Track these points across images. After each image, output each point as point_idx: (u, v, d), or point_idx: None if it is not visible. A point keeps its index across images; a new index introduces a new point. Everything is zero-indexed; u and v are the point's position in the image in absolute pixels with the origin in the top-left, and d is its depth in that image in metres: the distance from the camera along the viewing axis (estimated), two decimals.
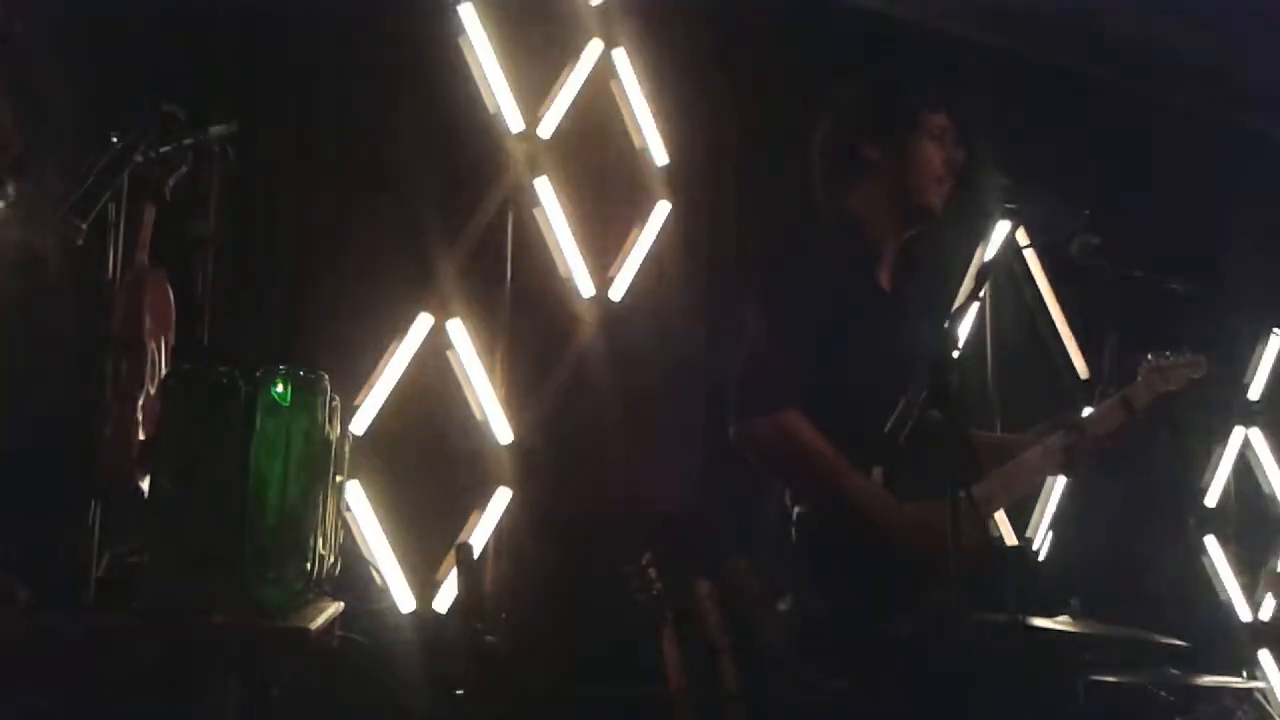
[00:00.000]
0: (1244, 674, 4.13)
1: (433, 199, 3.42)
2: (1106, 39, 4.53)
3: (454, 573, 3.29)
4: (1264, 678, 4.38)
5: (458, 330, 3.45)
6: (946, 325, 2.41)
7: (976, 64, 4.35)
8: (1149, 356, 2.53)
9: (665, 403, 3.69)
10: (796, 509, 2.25)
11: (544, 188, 3.64)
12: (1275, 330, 4.77)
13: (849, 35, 4.08)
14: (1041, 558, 4.19)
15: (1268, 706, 4.22)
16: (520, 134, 3.63)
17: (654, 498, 3.58)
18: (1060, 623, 2.57)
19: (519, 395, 3.52)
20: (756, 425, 2.20)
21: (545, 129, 3.67)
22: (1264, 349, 4.89)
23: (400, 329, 3.37)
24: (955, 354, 2.17)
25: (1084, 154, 4.35)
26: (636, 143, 3.86)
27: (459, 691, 2.72)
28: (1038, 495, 4.27)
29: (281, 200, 3.27)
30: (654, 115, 3.87)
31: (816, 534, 2.22)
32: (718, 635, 3.26)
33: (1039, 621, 2.50)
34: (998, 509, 3.52)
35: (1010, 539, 4.13)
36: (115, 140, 1.97)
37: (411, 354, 3.37)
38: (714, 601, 3.29)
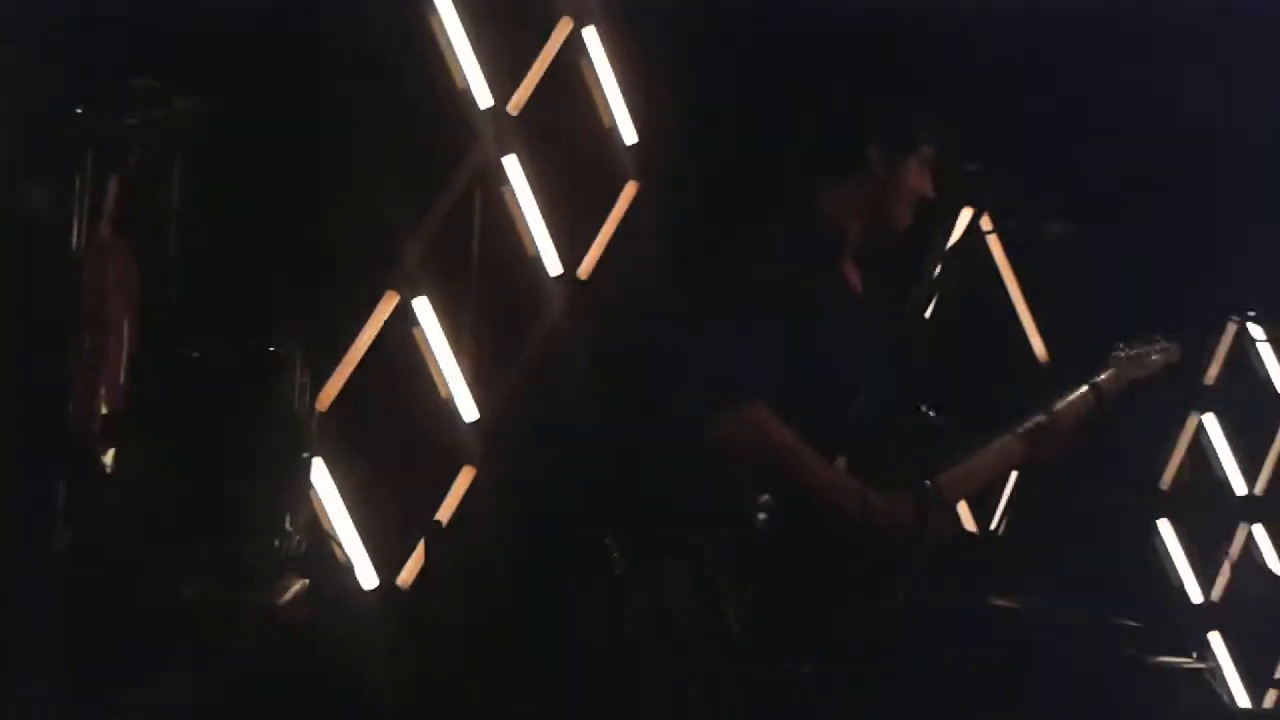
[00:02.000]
0: (1194, 655, 4.20)
1: (400, 176, 3.41)
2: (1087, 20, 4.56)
3: (419, 550, 3.30)
4: (1214, 659, 4.47)
5: (424, 308, 3.43)
6: (911, 312, 2.44)
7: (945, 50, 4.37)
8: (1120, 345, 2.55)
9: (633, 379, 3.70)
10: (763, 495, 2.28)
11: (512, 166, 3.63)
12: (1232, 318, 4.84)
13: (823, 19, 4.08)
14: (1001, 541, 4.25)
15: (1216, 685, 4.32)
16: (489, 111, 3.62)
17: (623, 479, 3.59)
18: (1018, 603, 2.61)
19: (485, 374, 3.52)
20: (726, 423, 2.22)
21: (514, 106, 3.66)
22: (1220, 336, 4.97)
23: (366, 307, 3.35)
24: (920, 340, 2.19)
25: (1046, 141, 4.39)
26: (606, 122, 3.85)
27: (425, 668, 2.73)
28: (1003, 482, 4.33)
29: (248, 175, 3.24)
30: (623, 95, 3.87)
31: (783, 520, 2.24)
32: (683, 614, 3.29)
33: (998, 602, 2.54)
34: (964, 497, 3.57)
35: (971, 526, 4.18)
36: (82, 112, 1.95)
37: (377, 332, 3.35)
38: (680, 579, 3.32)
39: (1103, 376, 2.51)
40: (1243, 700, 4.54)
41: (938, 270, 4.14)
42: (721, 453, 2.23)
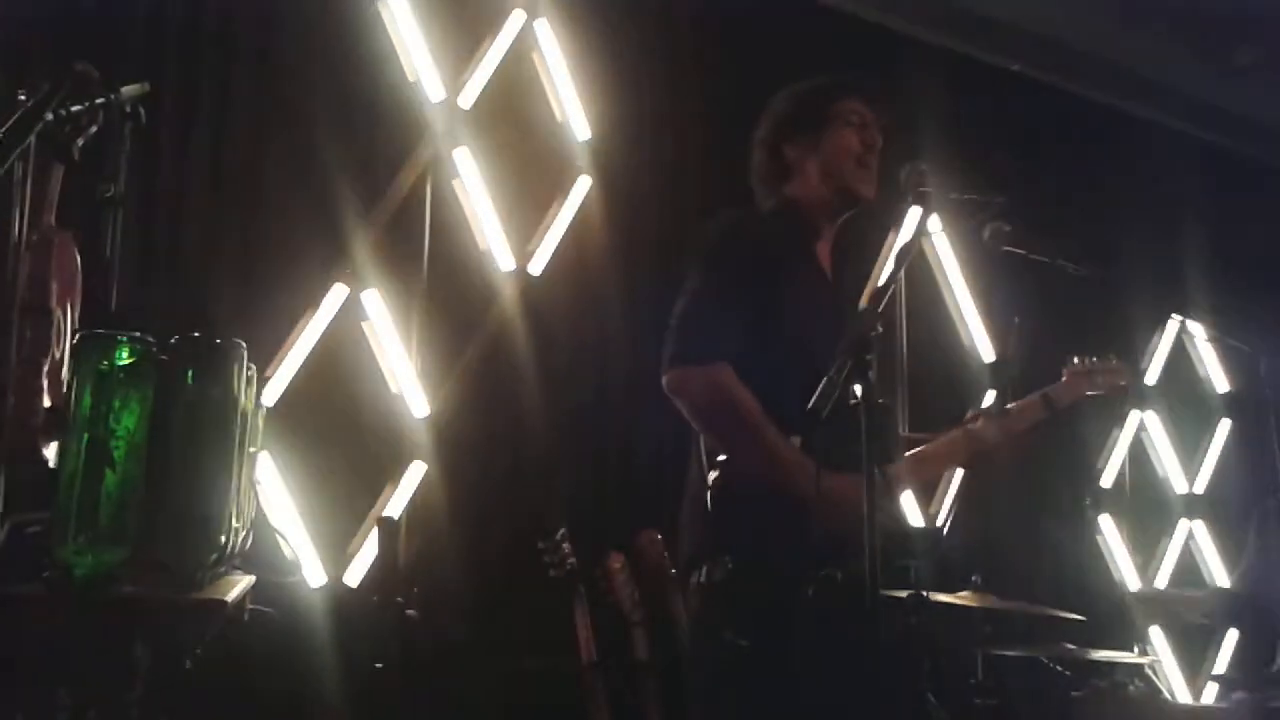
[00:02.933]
0: (1136, 648, 4.27)
1: (350, 167, 3.37)
2: (1022, 33, 4.63)
3: (367, 546, 3.27)
4: (1154, 652, 4.54)
5: (373, 301, 3.40)
6: (866, 306, 2.46)
7: (896, 52, 4.41)
8: (1074, 359, 2.58)
9: (584, 377, 3.69)
10: (713, 474, 2.28)
11: (464, 159, 3.60)
12: (1173, 315, 4.92)
13: (773, 13, 4.10)
14: (945, 535, 4.30)
15: (1157, 680, 4.39)
16: (440, 103, 3.59)
17: (571, 472, 3.59)
18: (962, 598, 2.64)
19: (435, 369, 3.50)
20: (688, 374, 2.23)
21: (466, 99, 3.64)
22: (1160, 334, 5.05)
23: (314, 299, 3.31)
24: (875, 334, 2.20)
25: (996, 143, 4.44)
26: (558, 116, 3.84)
27: (377, 665, 2.71)
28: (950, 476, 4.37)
29: (194, 164, 3.20)
30: (576, 89, 3.85)
31: (732, 500, 2.25)
32: (630, 608, 3.30)
33: (942, 596, 2.56)
34: (908, 489, 3.61)
35: (919, 519, 4.22)
36: (23, 98, 1.90)
37: (326, 324, 3.32)
38: (626, 574, 3.32)
39: (1055, 387, 2.55)
40: (1182, 695, 4.63)
41: (890, 267, 4.18)
42: (682, 407, 2.24)
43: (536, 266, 3.70)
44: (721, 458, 2.25)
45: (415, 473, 3.41)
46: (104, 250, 2.13)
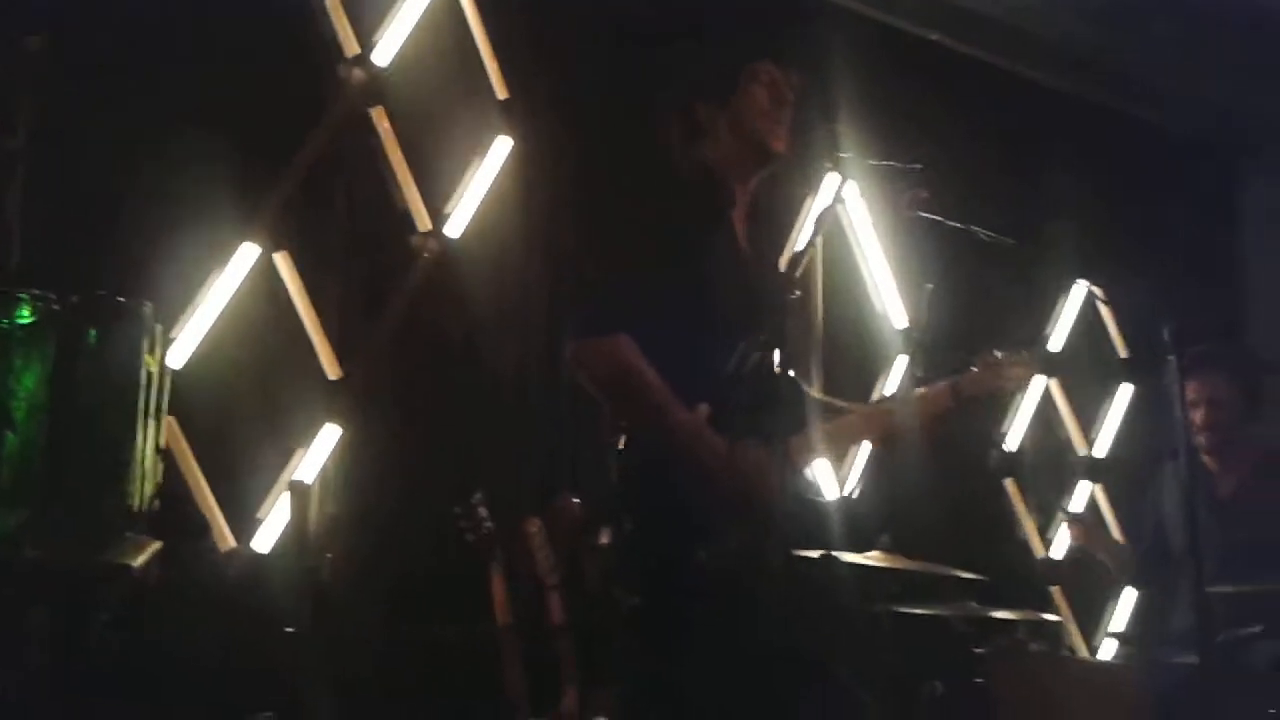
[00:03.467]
0: (1037, 607, 4.40)
1: (262, 124, 3.29)
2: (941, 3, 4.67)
3: (278, 511, 3.22)
4: (1055, 612, 4.68)
5: (285, 262, 3.34)
6: (783, 271, 2.47)
7: (812, 18, 4.42)
8: (992, 352, 2.62)
9: (504, 341, 3.67)
10: (619, 440, 2.29)
11: (380, 118, 3.54)
12: (1079, 281, 5.03)
13: None
14: (855, 497, 4.37)
15: (1057, 636, 4.54)
16: (356, 60, 3.52)
17: (489, 436, 3.57)
18: (870, 558, 2.69)
19: (350, 331, 3.45)
20: (589, 347, 2.23)
21: (382, 57, 3.57)
22: (1065, 301, 5.17)
23: (224, 259, 3.24)
24: (791, 299, 2.22)
25: (912, 111, 4.49)
26: (477, 76, 3.79)
27: (288, 630, 2.68)
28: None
29: (98, 118, 3.09)
30: (495, 49, 3.80)
31: (636, 468, 2.26)
32: (546, 572, 3.31)
33: (849, 557, 2.61)
34: (816, 460, 3.66)
35: (830, 483, 4.28)
36: None
37: (235, 285, 3.25)
38: (542, 539, 3.33)
39: (965, 377, 2.60)
40: (1081, 650, 4.78)
41: (807, 233, 4.21)
42: (583, 380, 2.25)
43: (455, 229, 3.66)
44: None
45: (328, 437, 3.36)
46: (4, 207, 2.06)
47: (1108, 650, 4.78)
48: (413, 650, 3.23)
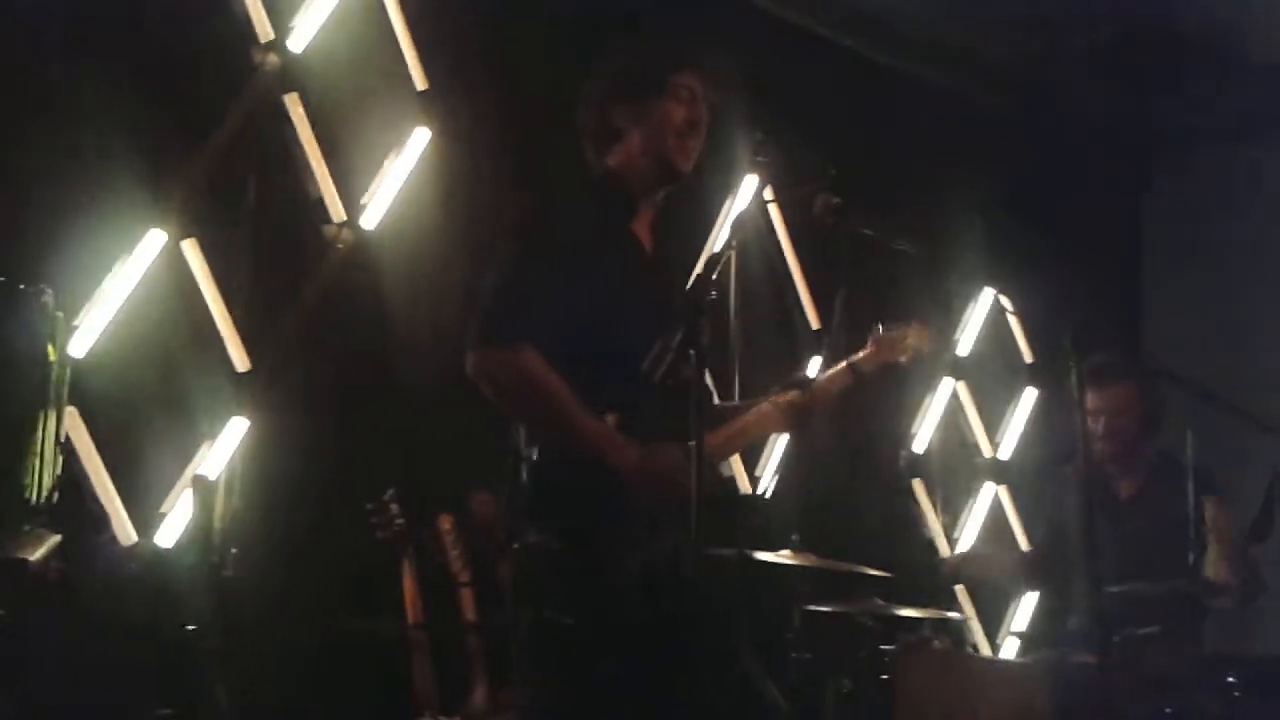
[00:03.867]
0: (941, 605, 4.49)
1: (172, 108, 3.21)
2: (857, 13, 4.74)
3: (181, 506, 3.15)
4: (958, 609, 4.78)
5: (193, 250, 3.26)
6: (699, 273, 2.48)
7: (732, 22, 4.45)
8: (880, 327, 2.67)
9: (418, 334, 3.62)
10: (529, 448, 2.29)
11: (294, 104, 3.47)
12: (986, 289, 5.15)
13: None
14: (768, 498, 4.41)
15: (960, 634, 4.64)
16: (270, 45, 3.44)
17: (402, 431, 3.53)
18: (782, 557, 2.72)
19: (259, 321, 3.38)
20: (491, 358, 2.22)
21: (298, 42, 3.50)
22: (973, 307, 5.29)
23: (129, 245, 3.14)
24: (707, 301, 2.24)
25: (826, 117, 4.55)
26: (396, 65, 3.74)
27: (190, 627, 2.62)
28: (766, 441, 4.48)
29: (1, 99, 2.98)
30: (414, 38, 3.75)
31: (548, 472, 2.26)
32: (458, 569, 3.28)
33: (763, 556, 2.64)
34: (728, 457, 3.69)
35: (744, 483, 4.32)
36: None
37: (141, 273, 3.16)
38: (456, 535, 3.30)
39: (860, 355, 2.65)
40: (984, 648, 4.89)
41: (722, 235, 4.24)
42: (486, 390, 2.24)
43: (370, 220, 3.61)
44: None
45: (235, 430, 3.29)
46: None
47: (1009, 648, 4.90)
48: (320, 647, 3.18)
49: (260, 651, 2.99)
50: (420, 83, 3.77)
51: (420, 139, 3.73)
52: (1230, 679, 2.98)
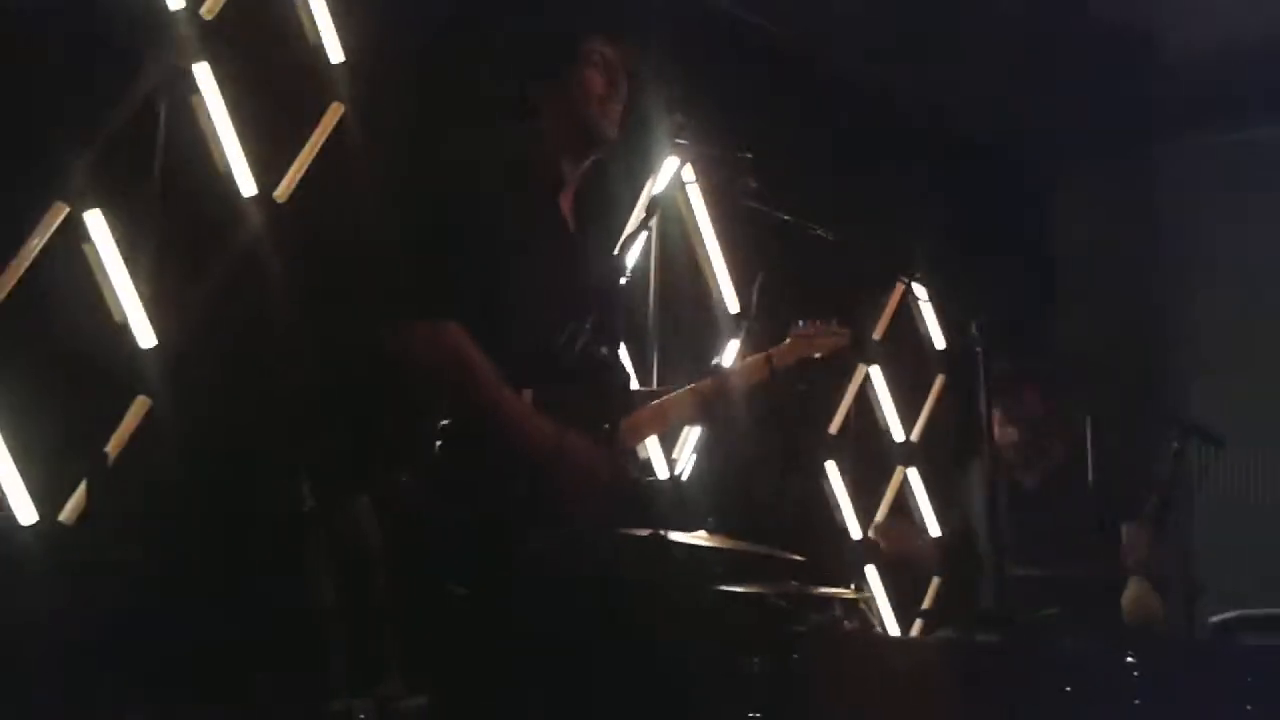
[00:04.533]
0: (852, 586, 4.56)
1: (74, 76, 3.10)
2: None
3: (82, 484, 3.06)
4: (869, 589, 4.86)
5: (97, 222, 3.16)
6: (615, 254, 2.48)
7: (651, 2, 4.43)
8: (800, 322, 2.70)
9: (333, 311, 3.56)
10: (443, 423, 2.27)
11: (204, 74, 3.38)
12: (901, 278, 5.22)
13: None
14: (684, 479, 4.43)
15: (870, 615, 4.71)
16: (179, 12, 3.35)
17: (316, 409, 3.47)
18: (696, 538, 2.73)
19: (165, 297, 3.29)
20: (413, 331, 2.19)
21: (208, 9, 3.41)
22: (889, 293, 5.37)
23: (30, 218, 3.04)
24: (622, 282, 2.23)
25: (746, 101, 4.56)
26: (310, 36, 3.66)
27: (89, 609, 2.55)
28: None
29: None
30: (331, 8, 3.68)
31: (462, 448, 2.25)
32: (371, 551, 3.24)
33: (677, 537, 2.65)
34: (642, 440, 3.70)
35: (661, 465, 4.33)
36: None
37: (41, 246, 3.06)
38: (369, 517, 3.26)
39: (778, 349, 2.67)
40: (893, 628, 4.98)
41: (644, 215, 4.23)
42: (407, 365, 2.21)
43: (283, 193, 3.53)
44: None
45: (139, 408, 3.21)
46: None
47: (918, 629, 5.00)
48: (229, 629, 3.12)
49: (164, 632, 2.93)
50: (336, 55, 3.69)
51: (334, 112, 3.66)
52: (1129, 659, 3.06)
